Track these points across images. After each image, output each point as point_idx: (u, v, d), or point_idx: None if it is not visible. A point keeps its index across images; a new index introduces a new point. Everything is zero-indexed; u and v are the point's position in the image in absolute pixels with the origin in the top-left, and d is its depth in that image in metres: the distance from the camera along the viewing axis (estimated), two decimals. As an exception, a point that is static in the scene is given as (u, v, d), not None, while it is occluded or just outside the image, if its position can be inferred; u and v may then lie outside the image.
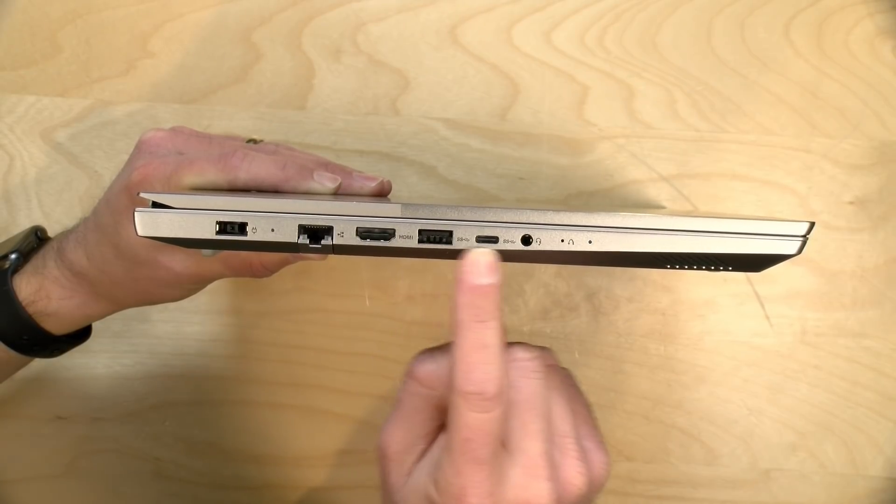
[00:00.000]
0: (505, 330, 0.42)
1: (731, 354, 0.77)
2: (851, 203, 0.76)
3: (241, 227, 0.46)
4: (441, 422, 0.46)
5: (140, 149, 0.55)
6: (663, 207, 0.76)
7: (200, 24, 0.76)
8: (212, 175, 0.51)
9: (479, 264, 0.41)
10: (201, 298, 0.77)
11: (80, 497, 0.78)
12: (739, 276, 0.76)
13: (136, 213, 0.45)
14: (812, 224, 0.45)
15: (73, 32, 0.76)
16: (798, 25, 0.76)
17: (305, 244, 0.46)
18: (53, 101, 0.76)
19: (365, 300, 0.77)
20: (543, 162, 0.76)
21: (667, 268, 0.47)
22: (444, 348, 0.45)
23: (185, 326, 0.77)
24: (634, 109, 0.76)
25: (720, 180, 0.76)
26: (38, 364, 0.75)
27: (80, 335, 0.65)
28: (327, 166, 0.55)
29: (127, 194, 0.52)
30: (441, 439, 0.45)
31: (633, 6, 0.76)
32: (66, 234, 0.60)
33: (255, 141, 0.60)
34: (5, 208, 0.76)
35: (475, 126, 0.76)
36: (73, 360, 0.77)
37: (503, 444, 0.43)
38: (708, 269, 0.47)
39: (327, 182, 0.52)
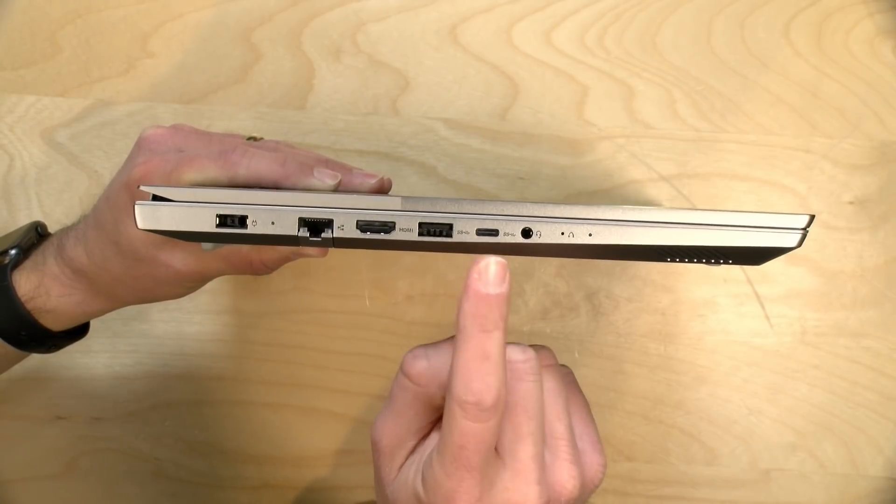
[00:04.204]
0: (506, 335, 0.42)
1: (731, 354, 0.77)
2: (851, 203, 0.76)
3: (242, 221, 0.46)
4: (433, 418, 0.45)
5: (140, 146, 0.55)
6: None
7: (200, 24, 0.76)
8: (212, 172, 0.51)
9: (489, 273, 0.40)
10: (201, 298, 0.77)
11: (80, 497, 0.78)
12: (739, 276, 0.76)
13: (136, 206, 0.45)
14: (812, 217, 0.45)
15: (73, 32, 0.76)
16: (798, 25, 0.76)
17: (306, 237, 0.46)
18: (53, 101, 0.76)
19: (365, 300, 0.77)
20: (543, 162, 0.76)
21: (667, 261, 0.47)
22: (438, 346, 0.45)
23: (185, 326, 0.77)
24: (634, 109, 0.76)
25: (720, 180, 0.76)
26: (38, 364, 0.75)
27: (78, 332, 0.65)
28: (328, 163, 0.55)
29: (127, 191, 0.52)
30: (433, 438, 0.45)
31: (633, 6, 0.76)
32: (66, 231, 0.60)
33: (255, 138, 0.60)
34: (5, 208, 0.76)
35: (475, 126, 0.76)
36: (73, 360, 0.77)
37: (495, 447, 0.43)
38: (708, 262, 0.47)
39: (327, 179, 0.52)
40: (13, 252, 0.61)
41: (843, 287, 0.76)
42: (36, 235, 0.63)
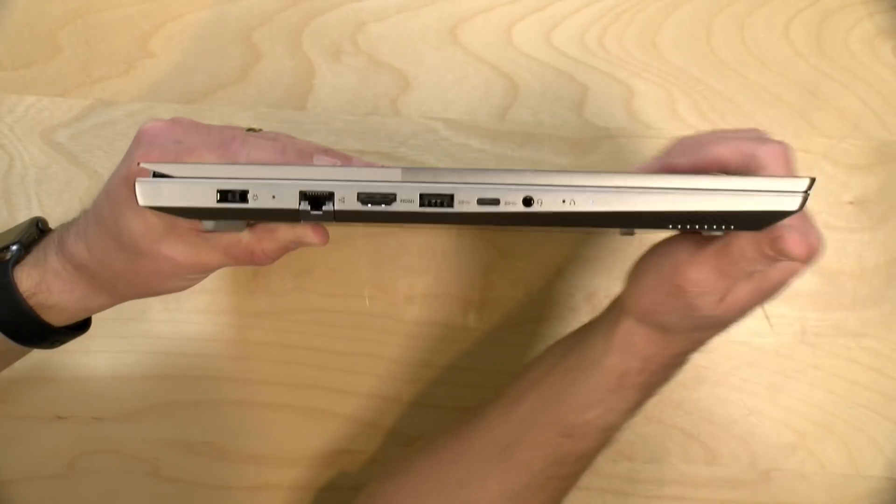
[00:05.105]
0: None
1: (731, 354, 0.77)
2: (851, 203, 0.76)
3: (242, 195, 0.46)
4: None
5: (139, 139, 0.54)
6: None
7: (200, 24, 0.76)
8: (212, 162, 0.51)
9: None
10: (201, 298, 0.77)
11: (79, 497, 0.77)
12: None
13: (136, 183, 0.45)
14: (813, 179, 0.45)
15: (73, 32, 0.76)
16: (798, 25, 0.76)
17: (307, 210, 0.46)
18: (53, 101, 0.76)
19: (365, 300, 0.77)
20: (543, 162, 0.76)
21: (668, 228, 0.47)
22: None
23: (185, 326, 0.77)
24: (634, 109, 0.76)
25: (720, 180, 0.76)
26: (39, 364, 0.75)
27: (80, 327, 0.65)
28: (327, 151, 0.55)
29: (127, 185, 0.52)
30: None
31: (633, 6, 0.76)
32: (67, 227, 0.60)
33: (254, 130, 0.60)
34: (5, 208, 0.76)
35: (475, 126, 0.76)
36: (73, 360, 0.77)
37: None
38: (710, 229, 0.47)
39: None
40: (14, 248, 0.60)
41: (843, 287, 0.76)
42: (37, 231, 0.63)
